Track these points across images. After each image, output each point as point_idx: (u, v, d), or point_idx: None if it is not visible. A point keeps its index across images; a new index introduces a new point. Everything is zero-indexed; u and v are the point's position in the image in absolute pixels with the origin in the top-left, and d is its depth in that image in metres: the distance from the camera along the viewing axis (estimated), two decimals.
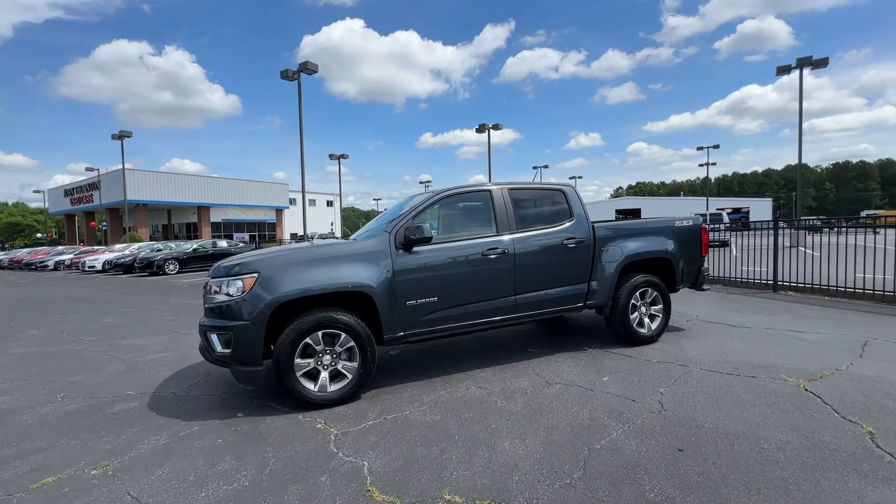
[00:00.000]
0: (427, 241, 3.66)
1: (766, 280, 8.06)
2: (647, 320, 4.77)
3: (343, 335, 3.42)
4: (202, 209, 43.61)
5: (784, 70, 19.81)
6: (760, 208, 60.86)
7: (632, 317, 4.65)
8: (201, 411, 3.47)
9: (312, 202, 58.10)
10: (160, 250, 20.28)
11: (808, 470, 2.29)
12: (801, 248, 11.67)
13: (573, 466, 2.42)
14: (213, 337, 3.34)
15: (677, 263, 4.91)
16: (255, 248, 21.52)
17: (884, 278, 6.64)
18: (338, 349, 3.44)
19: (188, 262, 18.91)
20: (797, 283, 7.70)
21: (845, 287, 6.95)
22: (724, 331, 5.21)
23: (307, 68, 18.17)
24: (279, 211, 50.95)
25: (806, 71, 19.76)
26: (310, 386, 3.37)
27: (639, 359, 4.25)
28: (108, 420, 3.38)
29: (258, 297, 3.24)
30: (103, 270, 21.13)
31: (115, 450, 2.87)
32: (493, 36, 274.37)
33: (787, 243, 12.20)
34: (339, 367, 3.46)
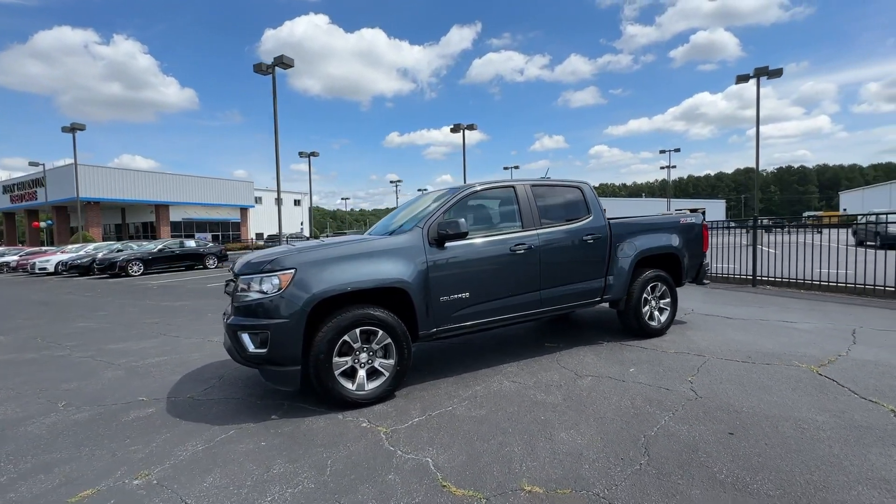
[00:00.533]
0: (463, 236, 3.65)
1: (745, 275, 8.55)
2: (656, 313, 4.95)
3: (380, 332, 3.35)
4: (160, 208, 41.38)
5: (743, 78, 21.06)
6: (715, 209, 64.46)
7: (643, 310, 4.81)
8: (230, 415, 3.30)
9: (280, 201, 56.37)
10: (121, 251, 19.09)
11: (853, 446, 2.46)
12: (760, 247, 12.44)
13: (637, 453, 2.49)
14: (245, 336, 3.19)
15: (683, 258, 5.13)
16: (221, 249, 20.64)
17: (855, 273, 7.20)
18: (374, 346, 3.38)
19: (153, 263, 17.90)
20: (773, 277, 8.22)
21: (820, 281, 7.48)
22: (722, 322, 5.49)
23: (283, 62, 17.58)
24: (244, 210, 49.10)
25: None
26: (348, 385, 3.28)
27: (656, 350, 4.41)
28: (129, 427, 3.16)
29: (297, 294, 3.12)
30: (56, 272, 19.67)
31: (149, 458, 2.69)
32: (460, 37, 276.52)
33: (745, 242, 13.00)
34: (377, 364, 3.39)
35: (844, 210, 60.31)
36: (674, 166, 48.74)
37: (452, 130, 30.24)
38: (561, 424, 2.89)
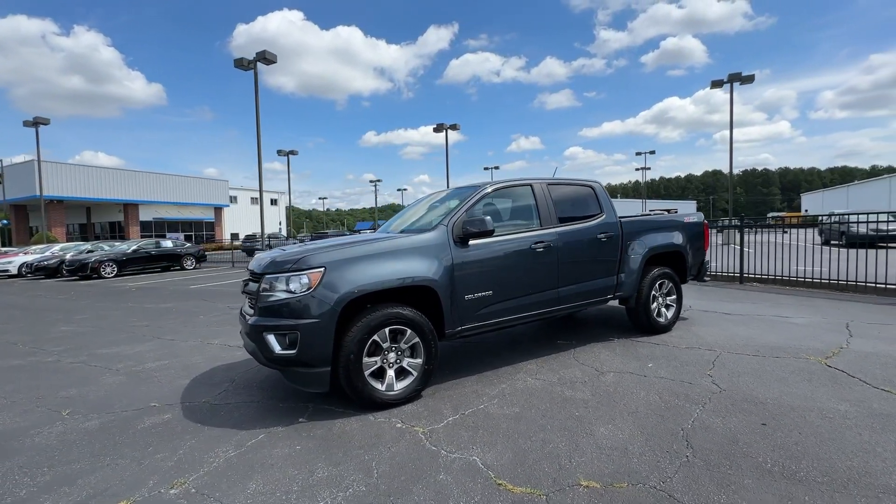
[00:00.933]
0: (489, 234, 3.63)
1: (733, 273, 8.86)
2: (663, 310, 5.07)
3: (409, 331, 3.31)
4: (129, 206, 39.74)
5: (718, 84, 21.86)
6: (686, 210, 66.59)
7: (652, 307, 4.92)
8: (254, 419, 3.19)
9: (255, 200, 55.09)
10: (91, 251, 18.23)
11: (880, 433, 2.57)
12: (734, 245, 12.96)
13: (680, 446, 2.54)
14: (271, 337, 3.08)
15: (688, 256, 5.27)
16: (199, 249, 19.94)
17: (837, 270, 7.57)
18: (402, 346, 3.33)
19: (128, 264, 17.13)
20: (758, 275, 8.55)
21: (804, 278, 7.83)
22: (722, 318, 5.67)
23: (265, 58, 17.12)
24: (218, 209, 47.67)
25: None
26: (378, 385, 3.22)
27: (667, 346, 4.52)
28: (147, 435, 3.01)
29: (328, 293, 3.04)
30: (20, 275, 18.60)
31: (180, 466, 2.57)
32: (437, 37, 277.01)
33: (720, 241, 13.51)
34: (405, 364, 3.35)
35: (806, 211, 63.49)
36: (648, 168, 50.17)
37: (435, 130, 30.20)
38: (597, 420, 2.92)
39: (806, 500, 2.01)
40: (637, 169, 52.60)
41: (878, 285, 6.90)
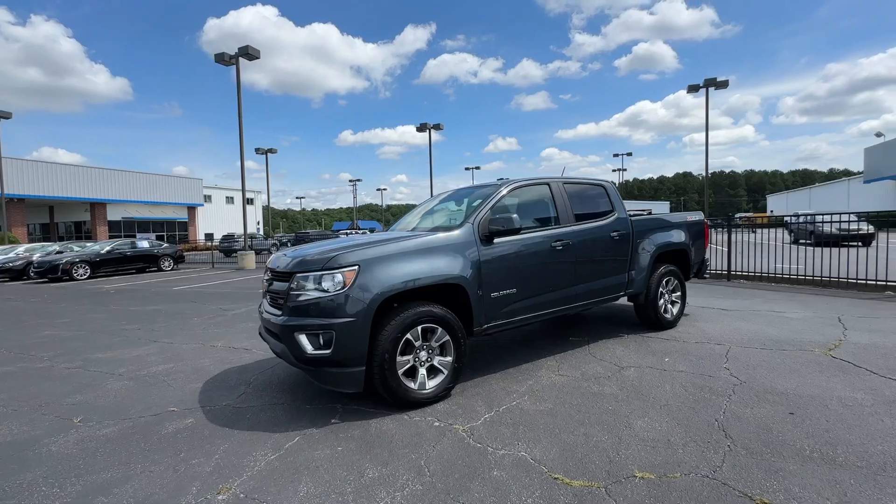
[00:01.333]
0: (516, 231, 3.65)
1: (721, 270, 9.19)
2: (670, 306, 5.22)
3: (440, 329, 3.30)
4: (96, 206, 38.00)
5: (694, 88, 22.63)
6: (660, 210, 68.58)
7: (659, 303, 5.05)
8: (284, 422, 3.12)
9: (230, 199, 53.62)
10: (60, 252, 17.34)
11: None
12: (713, 245, 13.44)
13: (719, 436, 2.62)
14: (303, 337, 3.02)
15: (691, 254, 5.44)
16: (177, 250, 19.26)
17: (821, 266, 7.96)
18: (433, 344, 3.32)
19: (101, 266, 16.39)
20: (744, 272, 8.89)
21: (787, 274, 8.20)
22: (721, 314, 5.88)
23: (248, 53, 16.67)
24: (192, 209, 46.15)
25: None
26: (410, 384, 3.20)
27: (677, 341, 4.65)
28: (174, 440, 2.90)
29: (364, 292, 3.00)
30: None
31: (220, 471, 2.49)
32: (415, 37, 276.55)
33: None
34: (435, 362, 3.34)
35: (771, 211, 66.40)
36: (624, 169, 51.46)
37: (418, 129, 30.12)
38: (631, 413, 2.99)
39: (851, 483, 2.12)
40: (613, 170, 53.93)
41: (858, 281, 7.29)
